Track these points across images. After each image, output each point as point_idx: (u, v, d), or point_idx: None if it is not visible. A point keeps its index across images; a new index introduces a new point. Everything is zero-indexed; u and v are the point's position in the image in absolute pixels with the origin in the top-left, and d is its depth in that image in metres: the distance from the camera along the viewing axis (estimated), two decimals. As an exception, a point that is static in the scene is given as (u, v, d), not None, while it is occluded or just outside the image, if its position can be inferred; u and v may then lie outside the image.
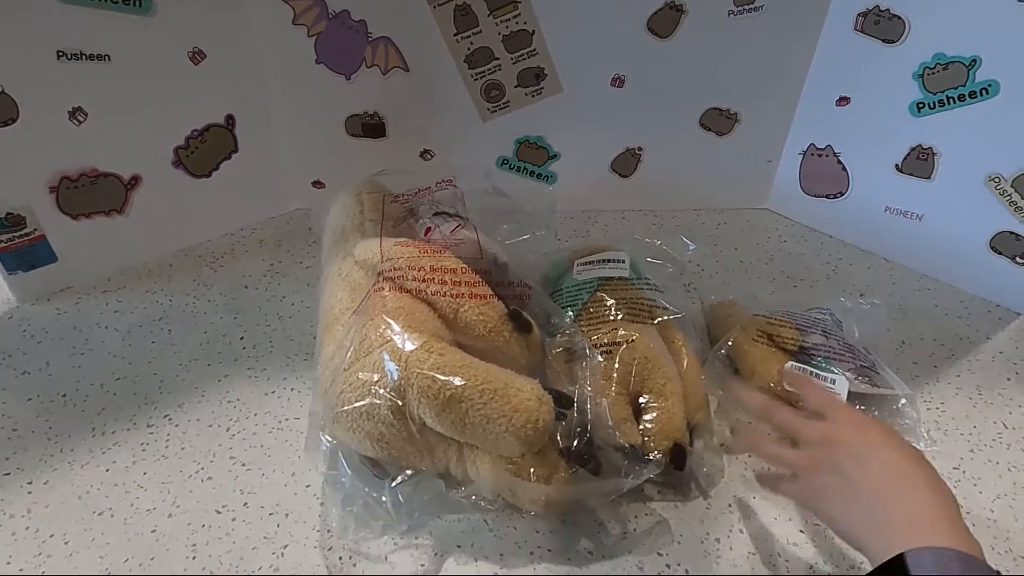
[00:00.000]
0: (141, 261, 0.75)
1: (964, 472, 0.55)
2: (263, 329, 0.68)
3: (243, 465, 0.54)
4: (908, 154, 0.71)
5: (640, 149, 0.80)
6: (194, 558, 0.48)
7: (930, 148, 0.69)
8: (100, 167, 0.68)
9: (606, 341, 0.57)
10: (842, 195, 0.79)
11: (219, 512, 0.51)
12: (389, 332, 0.48)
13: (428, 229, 0.57)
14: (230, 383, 0.61)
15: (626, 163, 0.82)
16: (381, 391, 0.46)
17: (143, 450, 0.55)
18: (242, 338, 0.66)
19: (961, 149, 0.68)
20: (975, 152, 0.67)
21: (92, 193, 0.68)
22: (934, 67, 0.65)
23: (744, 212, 0.86)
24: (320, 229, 0.67)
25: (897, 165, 0.72)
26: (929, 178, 0.71)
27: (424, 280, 0.51)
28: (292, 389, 0.61)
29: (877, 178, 0.75)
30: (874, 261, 0.78)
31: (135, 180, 0.70)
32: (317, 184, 0.82)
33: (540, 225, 0.69)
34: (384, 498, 0.46)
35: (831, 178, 0.78)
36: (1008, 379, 0.64)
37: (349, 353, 0.48)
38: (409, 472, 0.47)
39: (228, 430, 0.57)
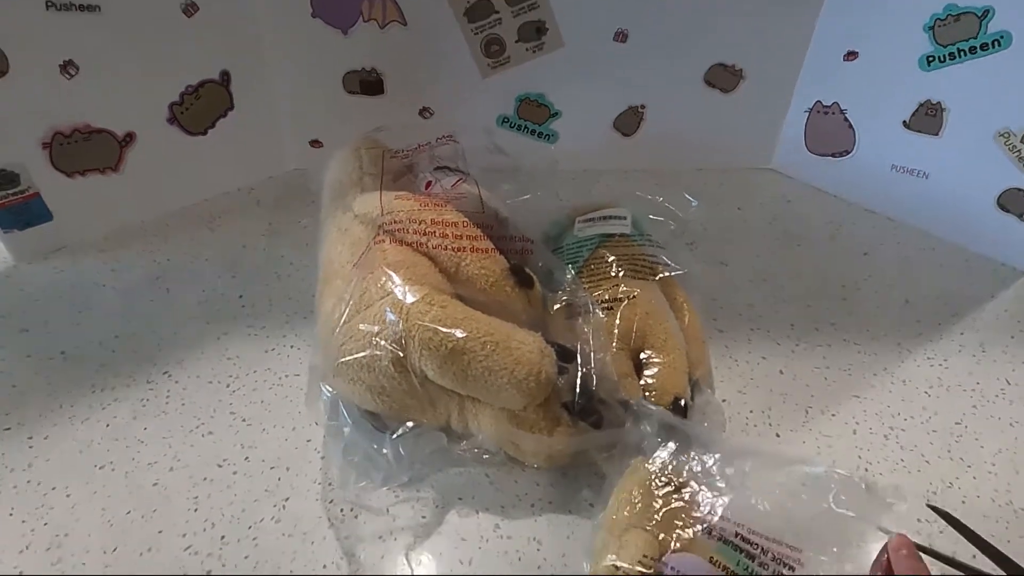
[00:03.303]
0: (138, 220, 0.74)
1: (966, 427, 0.55)
2: (262, 288, 0.67)
3: (243, 420, 0.54)
4: (916, 110, 0.70)
5: (643, 107, 0.79)
6: (196, 510, 0.48)
7: (939, 103, 0.68)
8: (93, 123, 0.66)
9: (607, 297, 0.56)
10: (847, 154, 0.78)
11: (220, 466, 0.51)
12: (390, 285, 0.47)
13: (428, 183, 0.56)
14: (229, 340, 0.61)
15: (628, 121, 0.80)
16: (382, 342, 0.45)
17: (143, 406, 0.55)
18: (241, 296, 0.66)
19: (971, 104, 0.67)
20: (985, 107, 0.66)
21: (86, 150, 0.67)
22: (945, 18, 0.64)
23: (748, 172, 0.85)
24: (318, 187, 0.66)
25: (905, 122, 0.71)
26: (937, 135, 0.70)
27: (425, 233, 0.51)
28: (291, 346, 0.61)
29: (884, 136, 0.74)
30: (878, 221, 0.78)
31: (129, 137, 0.69)
32: (315, 143, 0.81)
33: (541, 185, 0.68)
34: (385, 450, 0.46)
35: (837, 136, 0.77)
36: (1012, 336, 0.63)
37: (349, 306, 0.48)
38: (410, 424, 0.47)
39: (228, 386, 0.57)
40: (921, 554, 0.41)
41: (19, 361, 0.59)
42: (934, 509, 0.46)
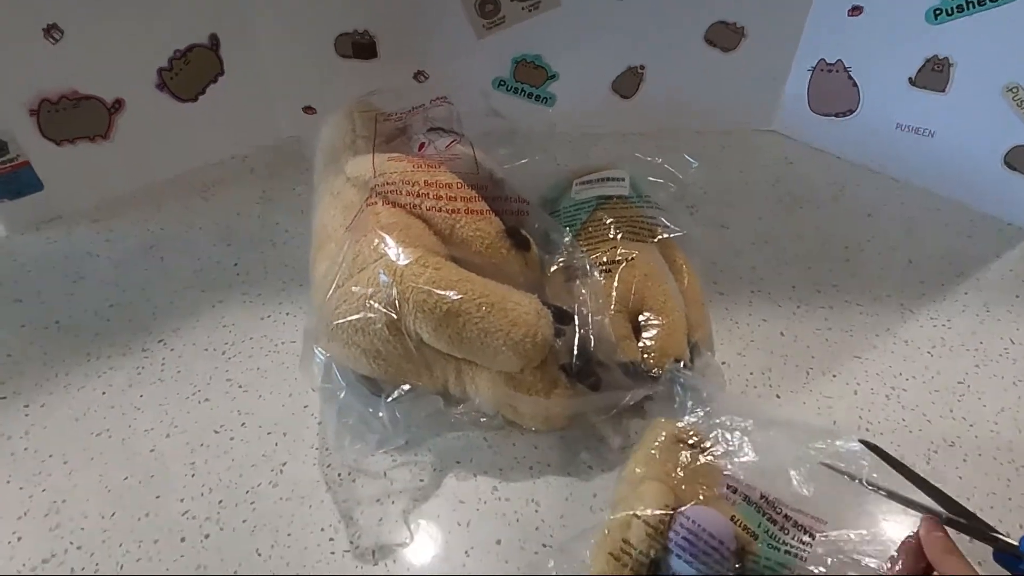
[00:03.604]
0: (130, 190, 0.73)
1: (969, 387, 0.54)
2: (256, 256, 0.66)
3: (240, 387, 0.54)
4: (923, 66, 0.68)
5: (642, 68, 0.77)
6: (193, 476, 0.48)
7: (946, 59, 0.66)
8: (81, 89, 0.65)
9: (605, 260, 0.55)
10: (852, 113, 0.76)
11: (217, 432, 0.51)
12: (383, 247, 0.46)
13: (422, 145, 0.55)
14: (225, 308, 0.61)
15: (628, 83, 0.79)
16: (376, 305, 0.45)
17: (139, 374, 0.55)
18: (235, 264, 0.65)
19: (978, 58, 0.65)
20: (993, 61, 0.64)
21: (74, 117, 0.66)
22: (953, -31, 0.62)
23: (749, 134, 0.83)
24: (312, 154, 0.65)
25: (911, 78, 0.70)
26: (943, 91, 0.68)
27: (418, 195, 0.50)
28: (287, 313, 0.60)
29: (889, 93, 0.72)
30: (882, 181, 0.76)
31: (118, 104, 0.68)
32: (308, 110, 0.79)
33: (539, 149, 0.67)
34: (381, 413, 0.46)
35: (841, 95, 0.76)
36: (1017, 296, 0.62)
37: (342, 269, 0.47)
38: (406, 387, 0.47)
39: (224, 353, 0.57)
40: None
41: (13, 331, 0.58)
42: (866, 444, 0.46)
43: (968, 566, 0.36)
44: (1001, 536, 0.39)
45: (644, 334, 0.52)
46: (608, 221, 0.58)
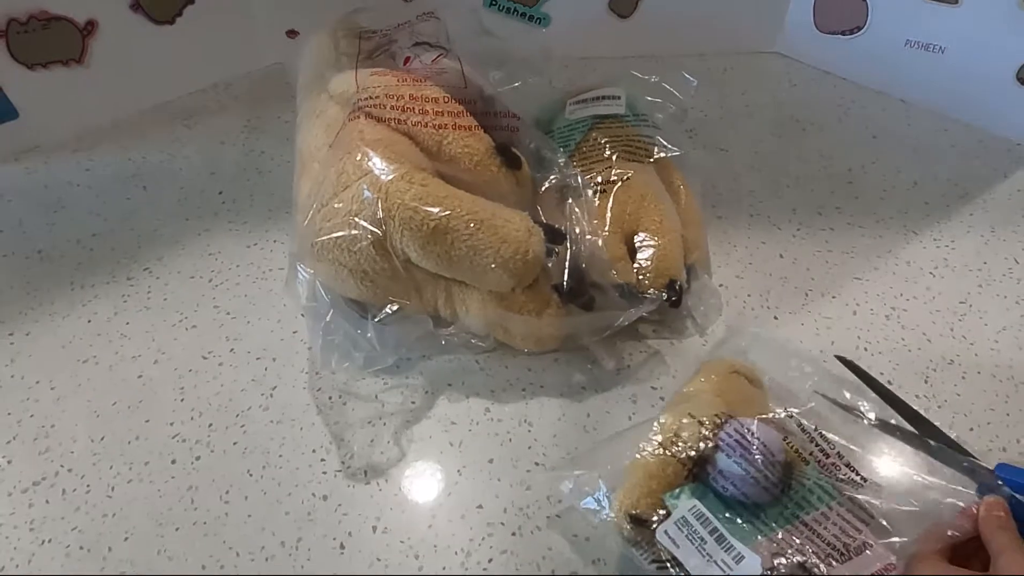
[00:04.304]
0: (110, 118, 0.71)
1: (971, 307, 0.53)
2: (242, 184, 0.64)
3: (227, 313, 0.53)
4: (935, -24, 0.65)
5: (641, -16, 0.74)
6: (182, 400, 0.47)
7: (960, -33, 0.63)
8: (51, 9, 0.62)
9: (600, 180, 0.53)
10: (859, 30, 0.73)
11: (205, 358, 0.50)
12: (367, 163, 0.44)
13: (407, 59, 0.53)
14: (210, 236, 0.59)
15: (625, 1, 0.75)
16: (361, 222, 0.43)
17: (124, 302, 0.54)
18: (221, 193, 0.63)
19: (995, -34, 0.61)
20: (1010, -32, 0.60)
21: (45, 39, 0.63)
22: None
23: (752, 56, 0.80)
24: (296, 78, 0.62)
25: (922, -10, 0.66)
26: (956, 3, 0.65)
27: (404, 110, 0.47)
28: (274, 241, 0.59)
29: (899, 7, 0.69)
30: (889, 103, 0.74)
31: (91, 25, 0.65)
32: (291, 33, 0.76)
33: (532, 71, 0.64)
34: (369, 334, 0.45)
35: (848, 10, 0.72)
36: None
37: (326, 188, 0.45)
38: (394, 307, 0.46)
39: (210, 281, 0.55)
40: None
41: (-5, 261, 0.57)
42: (842, 360, 0.45)
43: (1020, 547, 0.34)
44: (976, 459, 0.38)
45: (639, 255, 0.51)
46: (603, 141, 0.56)
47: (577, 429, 0.46)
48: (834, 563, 0.34)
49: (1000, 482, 0.37)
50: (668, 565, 0.35)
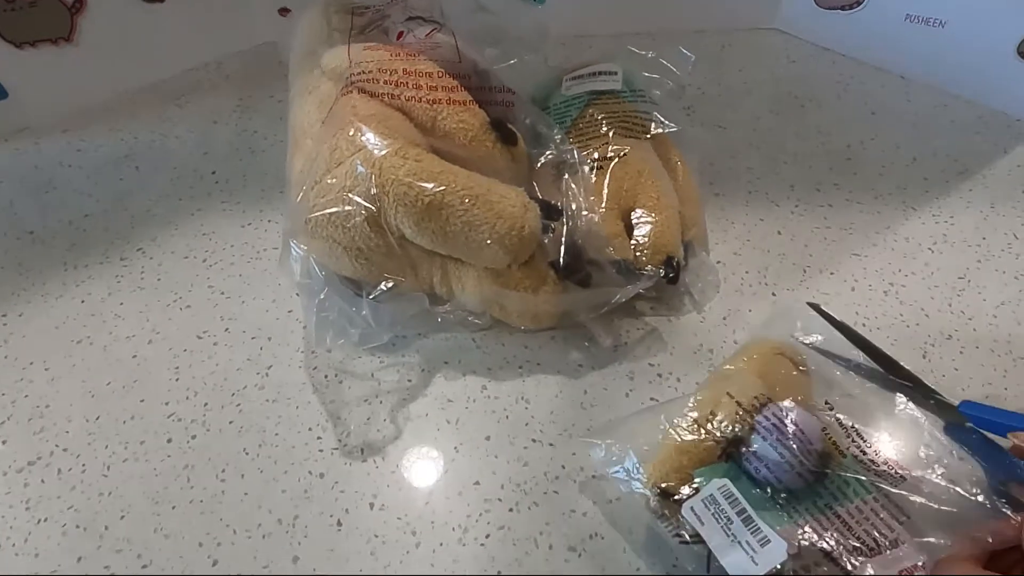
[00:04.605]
0: (100, 98, 0.70)
1: (969, 282, 0.53)
2: (235, 164, 0.64)
3: (222, 294, 0.53)
4: (936, -52, 0.64)
5: (638, -41, 0.73)
6: (177, 380, 0.47)
7: (962, -62, 0.62)
8: (37, -14, 0.61)
9: (597, 156, 0.53)
10: (858, 5, 0.72)
11: (200, 337, 0.50)
12: (361, 138, 0.44)
13: (400, 34, 0.52)
14: (204, 216, 0.59)
15: (622, -24, 0.74)
16: (354, 198, 0.43)
17: (118, 282, 0.53)
18: (214, 173, 0.63)
19: (997, -64, 0.61)
20: (1013, -61, 0.60)
21: (32, 16, 0.62)
22: None
23: (751, 32, 0.79)
24: (288, 56, 0.61)
25: (923, -38, 0.65)
26: (957, -25, 0.64)
27: (397, 84, 0.47)
28: (269, 221, 0.58)
29: (899, -19, 0.68)
30: (888, 79, 0.73)
31: (79, 3, 0.64)
32: (283, 11, 0.75)
33: (528, 49, 0.63)
34: (364, 311, 0.44)
35: (848, -15, 0.71)
36: (1023, 192, 0.60)
37: (319, 164, 0.45)
38: (389, 284, 0.45)
39: (204, 261, 0.55)
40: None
41: (-14, 242, 0.57)
42: (812, 306, 0.44)
43: None
44: (941, 396, 0.38)
45: (636, 232, 0.50)
46: (600, 117, 0.55)
47: (574, 406, 0.46)
48: (862, 558, 0.34)
49: (964, 419, 0.37)
50: (691, 541, 0.35)
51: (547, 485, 0.41)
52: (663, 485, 0.36)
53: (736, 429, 0.37)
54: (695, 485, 0.36)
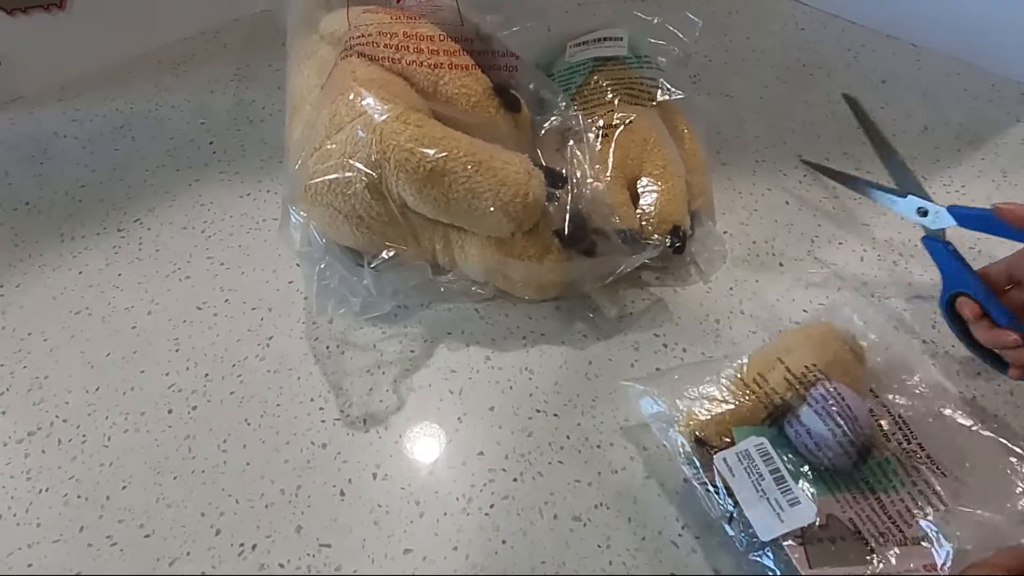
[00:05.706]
0: (95, 67, 0.68)
1: (980, 252, 0.52)
2: (233, 134, 0.63)
3: (222, 264, 0.52)
4: (952, -91, 0.62)
5: (644, -78, 0.71)
6: (177, 351, 0.47)
7: (979, -102, 0.60)
8: (27, -50, 0.59)
9: (602, 124, 0.52)
10: (870, -30, 0.70)
11: (200, 308, 0.49)
12: (361, 103, 0.43)
13: (400, -4, 0.51)
14: (202, 187, 0.58)
15: (628, -59, 0.72)
16: (355, 164, 0.42)
17: (115, 253, 0.53)
18: (211, 143, 0.62)
19: None
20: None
21: (23, -19, 0.60)
22: None
23: (759, -1, 0.78)
24: (285, 24, 0.60)
25: (938, -76, 0.63)
26: (973, -62, 0.62)
27: (398, 48, 0.46)
28: (267, 191, 0.57)
29: (912, -56, 0.66)
30: (900, 47, 0.71)
31: (71, -33, 0.62)
32: (281, -23, 0.73)
33: (531, 16, 0.62)
34: (365, 280, 0.44)
35: (860, -51, 0.69)
36: (1036, 161, 0.59)
37: (318, 130, 0.44)
38: (391, 253, 0.44)
39: (203, 232, 0.54)
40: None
41: (-19, 212, 0.56)
42: (847, 98, 0.47)
43: None
44: (932, 201, 0.45)
45: (642, 200, 0.50)
46: (605, 84, 0.54)
47: (579, 377, 0.45)
48: (887, 542, 0.34)
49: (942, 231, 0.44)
50: (717, 491, 0.35)
51: (551, 455, 0.41)
52: (699, 433, 0.37)
53: (788, 397, 0.37)
54: (732, 440, 0.36)
